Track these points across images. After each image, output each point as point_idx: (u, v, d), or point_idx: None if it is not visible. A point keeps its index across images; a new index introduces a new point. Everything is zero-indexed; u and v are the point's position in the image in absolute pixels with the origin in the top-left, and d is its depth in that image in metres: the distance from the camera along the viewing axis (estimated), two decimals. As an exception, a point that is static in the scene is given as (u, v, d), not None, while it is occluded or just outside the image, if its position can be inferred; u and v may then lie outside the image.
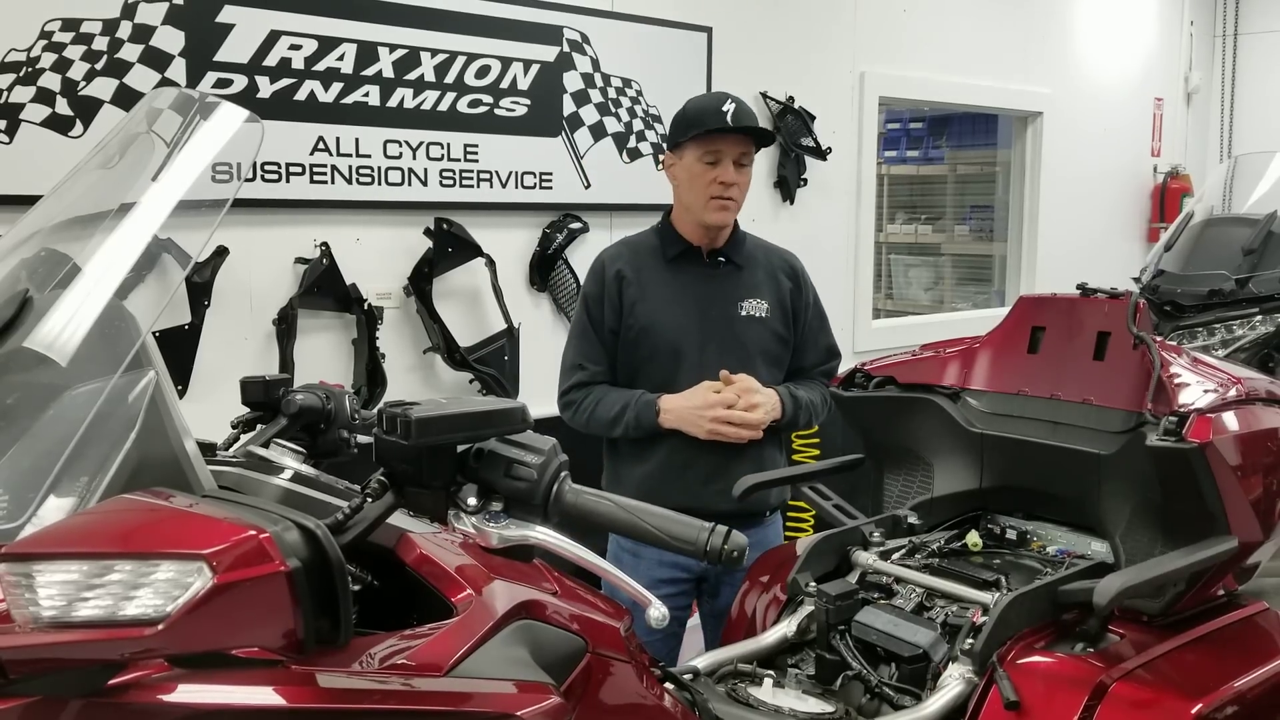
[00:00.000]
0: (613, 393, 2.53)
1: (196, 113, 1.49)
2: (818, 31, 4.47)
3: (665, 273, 2.57)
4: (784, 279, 2.63)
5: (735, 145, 2.47)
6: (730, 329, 2.54)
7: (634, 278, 2.56)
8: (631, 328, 2.54)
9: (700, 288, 2.57)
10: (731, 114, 2.44)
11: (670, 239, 2.59)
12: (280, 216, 3.04)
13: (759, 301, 2.57)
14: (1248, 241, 4.77)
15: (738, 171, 2.48)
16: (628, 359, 2.56)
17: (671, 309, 2.54)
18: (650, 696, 1.46)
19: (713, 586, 2.59)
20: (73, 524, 1.05)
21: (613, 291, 2.55)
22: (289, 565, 0.99)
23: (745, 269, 2.60)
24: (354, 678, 1.13)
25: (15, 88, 2.61)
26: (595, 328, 2.57)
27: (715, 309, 2.55)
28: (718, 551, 1.22)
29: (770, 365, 2.58)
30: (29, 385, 1.21)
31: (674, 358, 2.52)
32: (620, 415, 2.49)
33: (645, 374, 2.54)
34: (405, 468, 1.22)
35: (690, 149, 2.48)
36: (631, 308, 2.54)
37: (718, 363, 2.50)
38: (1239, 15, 6.86)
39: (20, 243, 1.39)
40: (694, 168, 2.49)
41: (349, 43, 3.10)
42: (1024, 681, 1.70)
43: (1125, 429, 2.05)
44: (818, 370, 2.67)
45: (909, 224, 7.12)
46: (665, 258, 2.58)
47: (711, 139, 2.45)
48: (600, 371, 2.57)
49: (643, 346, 2.54)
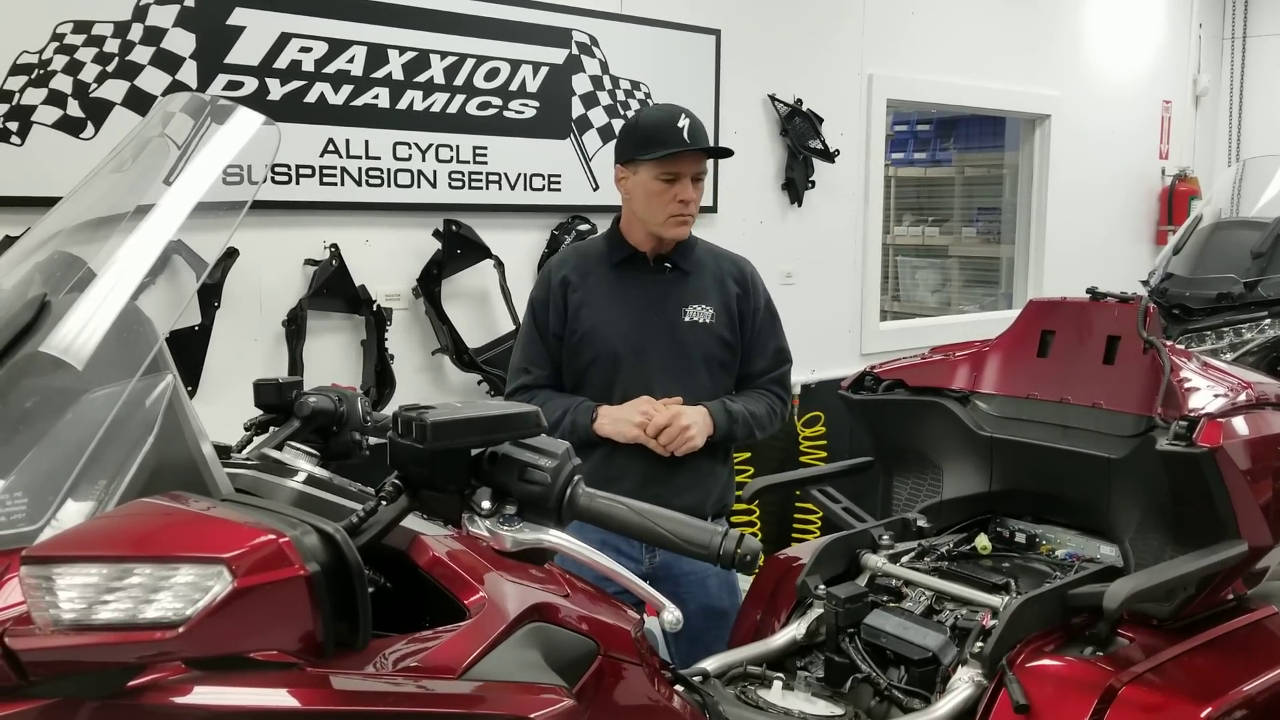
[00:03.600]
0: (556, 398, 2.52)
1: (208, 116, 1.49)
2: (826, 34, 4.48)
3: (610, 278, 2.56)
4: (731, 284, 2.59)
5: (693, 163, 2.46)
6: (672, 334, 2.52)
7: (579, 283, 2.55)
8: (575, 332, 2.53)
9: (644, 293, 2.55)
10: (688, 131, 2.43)
11: (617, 245, 2.58)
12: (290, 218, 3.05)
13: (704, 307, 2.54)
14: (1256, 245, 4.76)
15: (694, 187, 2.48)
16: (572, 364, 2.55)
17: (613, 314, 2.52)
18: (661, 699, 1.46)
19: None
20: (92, 527, 1.05)
21: (558, 296, 2.54)
22: (308, 569, 0.99)
23: (692, 275, 2.57)
24: (368, 680, 1.13)
25: (27, 90, 2.62)
26: (540, 332, 2.56)
27: (658, 315, 2.53)
28: (730, 555, 1.23)
29: (715, 371, 2.55)
30: (47, 389, 1.21)
31: (615, 362, 2.50)
32: (560, 420, 2.48)
33: (588, 379, 2.53)
34: (420, 471, 1.22)
35: (646, 167, 2.46)
36: (575, 313, 2.53)
37: (659, 368, 2.49)
38: (1248, 17, 6.85)
39: (37, 247, 1.40)
40: (651, 185, 2.47)
41: (359, 45, 3.11)
42: (1033, 685, 1.71)
43: (1135, 433, 2.05)
44: (767, 377, 2.62)
45: (916, 226, 7.12)
46: (611, 263, 2.57)
47: (670, 159, 2.44)
48: (544, 376, 2.56)
49: (585, 351, 2.52)
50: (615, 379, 2.50)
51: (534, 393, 2.54)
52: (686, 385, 2.49)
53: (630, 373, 2.49)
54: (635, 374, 2.49)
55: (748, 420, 2.53)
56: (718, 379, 2.56)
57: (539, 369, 2.56)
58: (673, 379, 2.48)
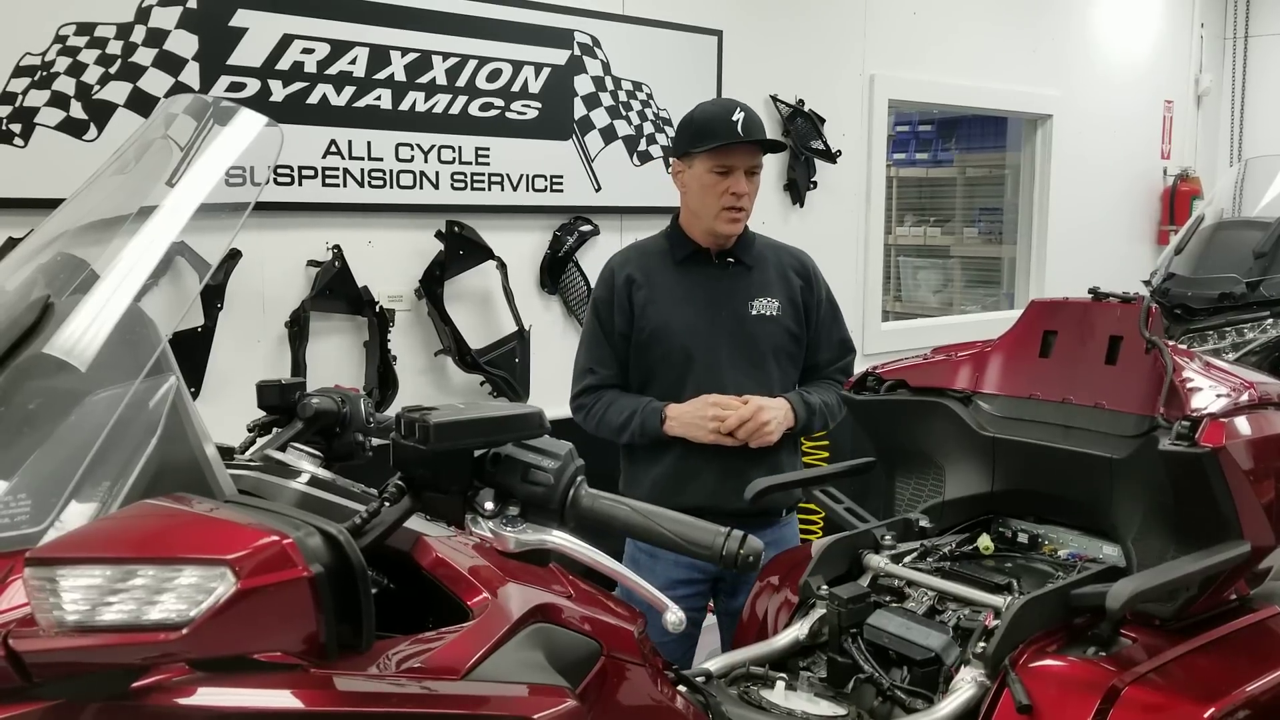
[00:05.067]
0: (623, 398, 2.54)
1: (211, 118, 1.50)
2: (827, 35, 4.48)
3: (675, 275, 2.58)
4: (794, 276, 2.63)
5: (746, 156, 2.48)
6: (742, 328, 2.55)
7: (644, 281, 2.56)
8: (643, 330, 2.54)
9: (710, 289, 2.57)
10: (742, 125, 2.44)
11: (679, 242, 2.60)
12: (293, 219, 3.05)
13: (770, 300, 2.58)
14: (1258, 245, 4.76)
15: (748, 181, 2.49)
16: (640, 362, 2.56)
17: (682, 310, 2.55)
18: (664, 699, 1.47)
19: (730, 587, 2.60)
20: (96, 529, 1.06)
21: (623, 296, 2.56)
22: (312, 570, 0.99)
23: (755, 269, 2.60)
24: (372, 681, 1.13)
25: (30, 91, 2.63)
26: (605, 332, 2.58)
27: (726, 309, 2.56)
28: (733, 556, 1.23)
29: (783, 363, 2.59)
30: (51, 391, 1.22)
31: (686, 359, 2.53)
32: (628, 422, 2.50)
33: (658, 376, 2.55)
34: (423, 472, 1.23)
35: (701, 159, 2.49)
36: (642, 311, 2.55)
37: (730, 363, 2.51)
38: (1249, 17, 6.84)
39: (40, 249, 1.40)
40: (705, 179, 2.49)
41: (361, 47, 3.11)
42: (1036, 685, 1.71)
43: (1137, 433, 2.05)
44: (833, 368, 2.68)
45: (918, 226, 7.11)
46: (674, 260, 2.59)
47: (723, 151, 2.46)
48: (610, 375, 2.58)
49: (654, 349, 2.55)
50: (686, 375, 2.52)
51: (601, 393, 2.57)
52: (757, 379, 2.52)
53: (701, 368, 2.52)
54: (706, 370, 2.51)
55: (823, 411, 2.59)
56: (786, 371, 2.60)
57: (605, 369, 2.58)
58: (743, 373, 2.51)
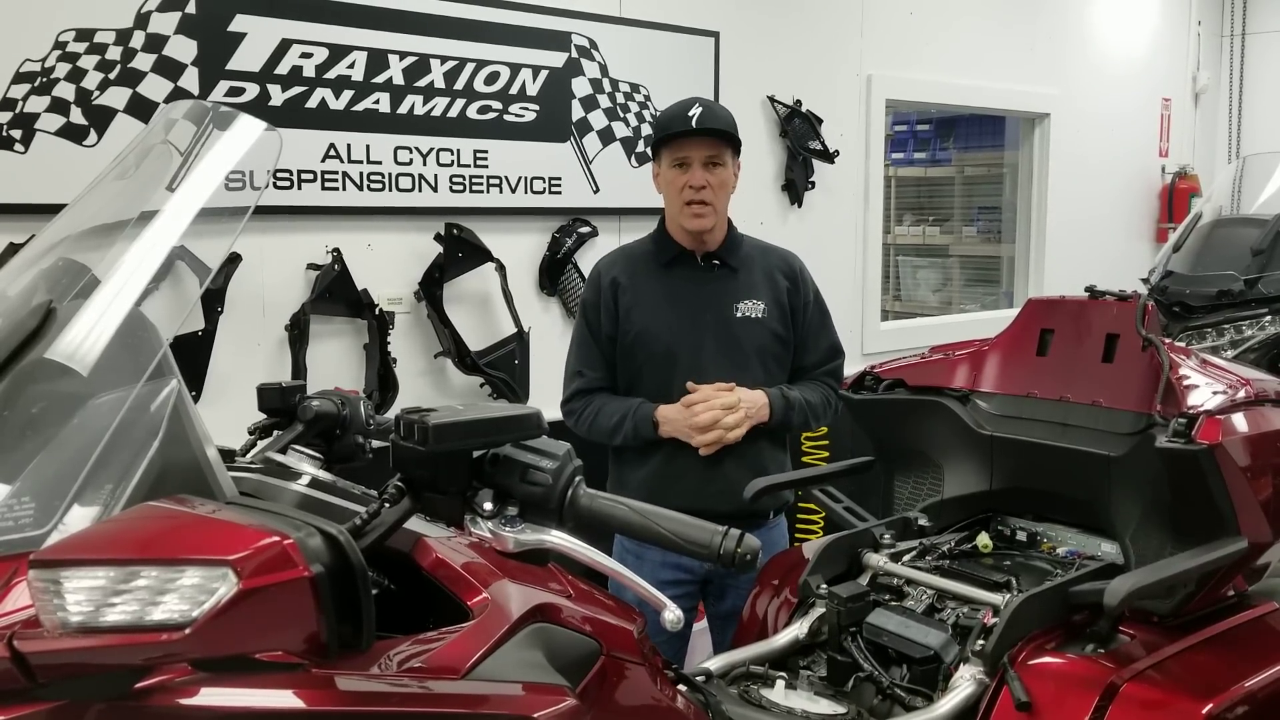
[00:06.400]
0: (613, 401, 2.55)
1: (210, 122, 1.51)
2: (824, 35, 4.48)
3: (659, 278, 2.58)
4: (781, 278, 2.63)
5: (701, 148, 2.48)
6: (726, 330, 2.55)
7: (629, 284, 2.57)
8: (627, 333, 2.55)
9: (694, 291, 2.57)
10: (697, 118, 2.45)
11: (664, 245, 2.61)
12: (292, 223, 3.06)
13: (755, 302, 2.57)
14: (1256, 242, 4.77)
15: (708, 173, 2.48)
16: (626, 365, 2.57)
17: (665, 313, 2.55)
18: (664, 698, 1.47)
19: (718, 589, 2.60)
20: (99, 531, 1.06)
21: (608, 298, 2.57)
22: (312, 571, 1.00)
23: (741, 271, 2.60)
24: (373, 681, 1.14)
25: (30, 97, 2.63)
26: (593, 335, 2.59)
27: (710, 311, 2.56)
28: (731, 555, 1.24)
29: (769, 365, 2.59)
30: (53, 395, 1.23)
31: (670, 361, 2.53)
32: (619, 425, 2.51)
33: (643, 379, 2.56)
34: (422, 473, 1.24)
35: (664, 157, 2.52)
36: (627, 313, 2.55)
37: (714, 365, 2.51)
38: (1246, 14, 6.85)
39: (42, 254, 1.41)
40: (668, 174, 2.52)
41: (359, 51, 3.12)
42: (1035, 682, 1.72)
43: (1134, 430, 2.06)
44: (821, 370, 2.66)
45: (916, 226, 7.12)
46: (660, 263, 2.60)
47: (679, 145, 2.47)
48: (599, 378, 2.59)
49: (639, 352, 2.55)
50: (671, 378, 2.52)
51: (591, 396, 2.57)
52: (741, 380, 2.52)
53: (685, 371, 2.52)
54: (690, 372, 2.52)
55: (804, 407, 2.58)
56: (772, 373, 2.60)
57: (594, 371, 2.59)
58: (728, 375, 2.51)
